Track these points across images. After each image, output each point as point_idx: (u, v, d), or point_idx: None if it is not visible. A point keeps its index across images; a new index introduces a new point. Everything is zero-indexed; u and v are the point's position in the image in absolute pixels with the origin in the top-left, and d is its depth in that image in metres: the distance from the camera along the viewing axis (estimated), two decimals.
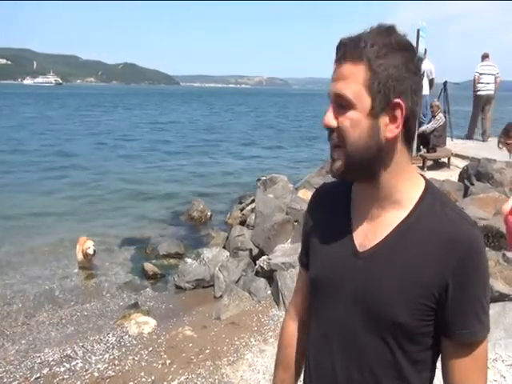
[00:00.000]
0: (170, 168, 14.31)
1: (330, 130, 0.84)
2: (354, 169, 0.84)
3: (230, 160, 16.12)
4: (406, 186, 0.87)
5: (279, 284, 4.23)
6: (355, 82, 0.80)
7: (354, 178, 0.89)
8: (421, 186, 0.88)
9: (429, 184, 0.89)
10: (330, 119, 0.83)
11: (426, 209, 0.85)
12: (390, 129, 0.81)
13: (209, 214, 8.70)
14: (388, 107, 0.80)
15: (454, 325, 0.82)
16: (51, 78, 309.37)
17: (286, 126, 30.71)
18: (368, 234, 0.88)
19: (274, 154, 17.69)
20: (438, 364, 0.89)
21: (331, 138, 0.84)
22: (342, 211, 0.94)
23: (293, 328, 1.10)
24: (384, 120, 0.81)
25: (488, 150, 7.66)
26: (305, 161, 15.77)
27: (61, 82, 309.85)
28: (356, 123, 0.80)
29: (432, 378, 0.91)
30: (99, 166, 14.11)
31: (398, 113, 0.80)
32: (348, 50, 0.81)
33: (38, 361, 3.78)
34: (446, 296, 0.81)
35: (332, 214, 0.96)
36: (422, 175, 0.92)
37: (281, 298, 4.16)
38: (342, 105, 0.82)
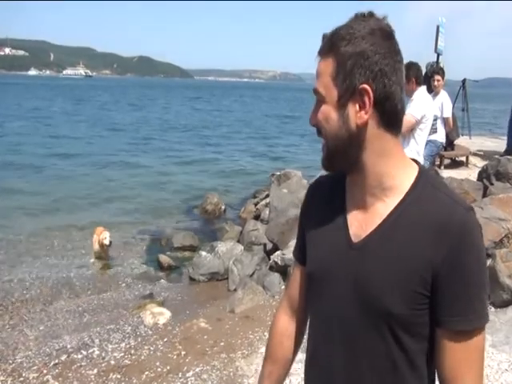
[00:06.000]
0: (184, 161, 14.39)
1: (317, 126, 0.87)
2: (333, 159, 0.87)
3: (244, 154, 16.12)
4: (397, 172, 0.85)
5: None
6: (325, 76, 0.83)
7: (337, 168, 0.91)
8: (414, 172, 0.86)
9: (422, 169, 0.88)
10: (312, 117, 0.87)
11: (417, 194, 0.83)
12: (359, 115, 0.81)
13: (222, 207, 8.74)
14: (355, 94, 0.80)
15: (444, 311, 0.79)
16: (81, 70, 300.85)
17: (300, 121, 30.52)
18: (362, 224, 0.87)
19: (289, 150, 17.64)
20: None
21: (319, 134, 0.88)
22: (338, 202, 0.94)
23: (284, 322, 1.09)
24: (354, 108, 0.81)
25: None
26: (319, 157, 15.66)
27: (91, 74, 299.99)
28: (327, 116, 0.83)
29: (432, 375, 0.88)
30: (117, 159, 14.26)
31: (366, 99, 0.80)
32: (321, 46, 0.85)
33: (56, 347, 3.86)
34: (439, 282, 0.78)
35: (328, 206, 0.96)
36: (414, 160, 0.90)
37: None
38: (318, 100, 0.86)
